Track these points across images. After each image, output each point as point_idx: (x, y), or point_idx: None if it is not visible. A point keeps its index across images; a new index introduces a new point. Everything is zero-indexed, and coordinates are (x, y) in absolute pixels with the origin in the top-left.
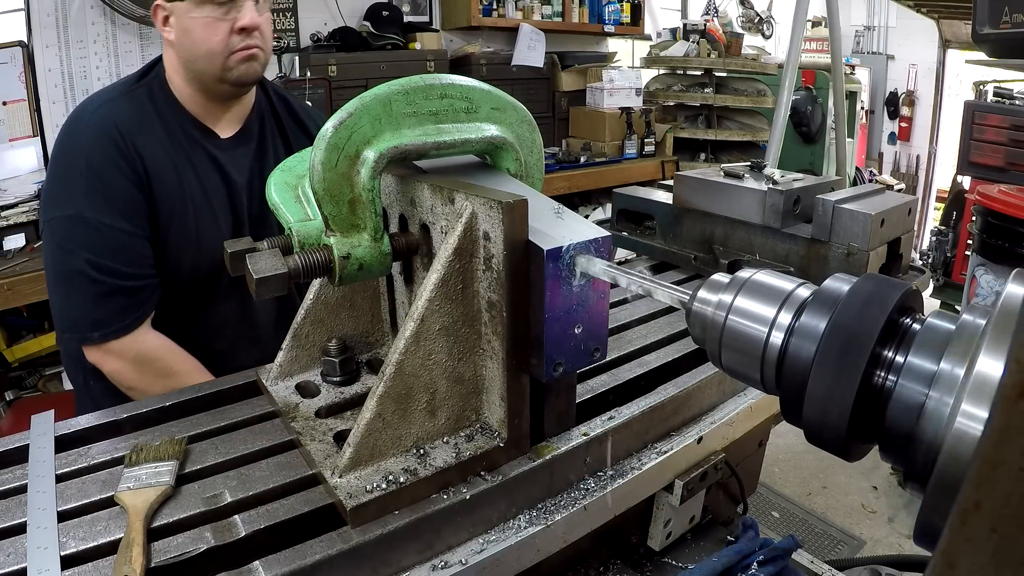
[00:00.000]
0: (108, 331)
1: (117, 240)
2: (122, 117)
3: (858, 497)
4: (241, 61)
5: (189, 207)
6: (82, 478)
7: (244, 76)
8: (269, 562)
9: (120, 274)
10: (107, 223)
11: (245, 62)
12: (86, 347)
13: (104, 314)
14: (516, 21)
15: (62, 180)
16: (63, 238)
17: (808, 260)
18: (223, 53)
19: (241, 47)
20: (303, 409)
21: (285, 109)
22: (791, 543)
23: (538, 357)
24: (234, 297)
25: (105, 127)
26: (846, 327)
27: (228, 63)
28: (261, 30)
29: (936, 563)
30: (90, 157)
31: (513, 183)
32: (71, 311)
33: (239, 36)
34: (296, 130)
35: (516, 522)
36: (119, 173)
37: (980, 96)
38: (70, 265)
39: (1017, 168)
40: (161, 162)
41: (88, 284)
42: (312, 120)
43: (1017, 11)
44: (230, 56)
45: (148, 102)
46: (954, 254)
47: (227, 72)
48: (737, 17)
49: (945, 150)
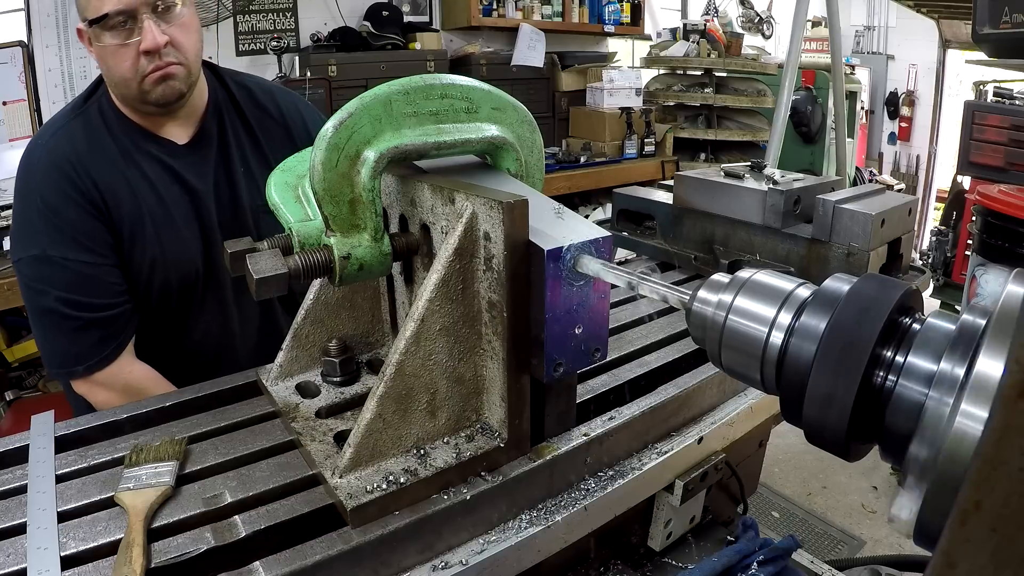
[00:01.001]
0: (91, 363)
1: (83, 273)
2: (72, 146)
3: (858, 497)
4: (155, 84)
5: (148, 224)
6: (82, 478)
7: (164, 97)
8: (269, 563)
9: (92, 307)
10: (71, 258)
11: (160, 83)
12: (74, 381)
13: (84, 348)
14: (516, 21)
15: (22, 219)
16: (31, 278)
17: (808, 260)
18: (135, 79)
19: (151, 70)
20: (303, 409)
21: (247, 98)
22: (791, 543)
23: (539, 357)
24: (212, 309)
25: (56, 160)
26: (846, 327)
27: (144, 86)
28: (175, 43)
29: (936, 563)
30: (45, 194)
31: (513, 183)
32: (52, 347)
33: (146, 59)
34: (264, 118)
35: (517, 522)
36: (75, 206)
37: (980, 96)
38: (43, 304)
39: (1017, 168)
40: (116, 184)
41: (63, 320)
42: (276, 101)
43: (1017, 11)
44: (143, 80)
45: (99, 119)
46: (954, 254)
47: (146, 95)
48: (737, 17)
49: (945, 150)
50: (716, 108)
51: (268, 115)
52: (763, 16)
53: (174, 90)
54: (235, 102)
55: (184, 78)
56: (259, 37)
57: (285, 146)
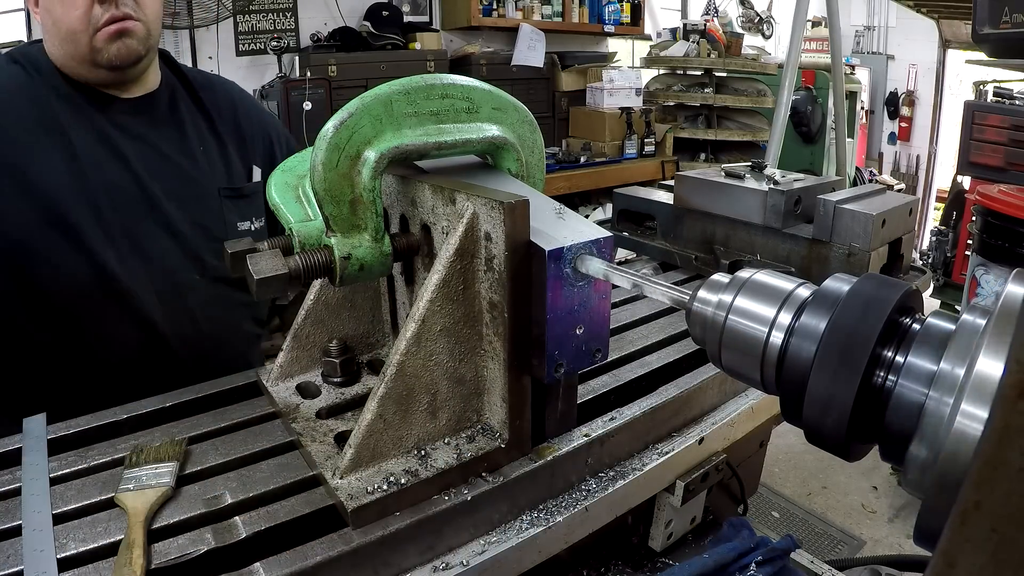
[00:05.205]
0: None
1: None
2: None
3: (858, 497)
4: (110, 40)
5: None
6: (82, 479)
7: (118, 57)
8: (270, 563)
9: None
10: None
11: (115, 40)
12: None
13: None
14: (516, 21)
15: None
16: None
17: (809, 260)
18: (86, 31)
19: (105, 21)
20: (304, 410)
21: (203, 82)
22: (789, 543)
23: (540, 358)
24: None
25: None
26: (846, 327)
27: (95, 43)
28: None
29: (936, 563)
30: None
31: (514, 183)
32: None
33: (101, 7)
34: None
35: (517, 523)
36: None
37: (980, 96)
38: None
39: (1017, 168)
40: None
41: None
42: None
43: (1017, 11)
44: (95, 35)
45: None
46: (954, 254)
47: (98, 53)
48: (737, 17)
49: (945, 150)
50: (716, 108)
51: (219, 100)
52: (763, 16)
53: (131, 50)
54: (189, 86)
55: (143, 38)
56: (259, 37)
57: (236, 135)
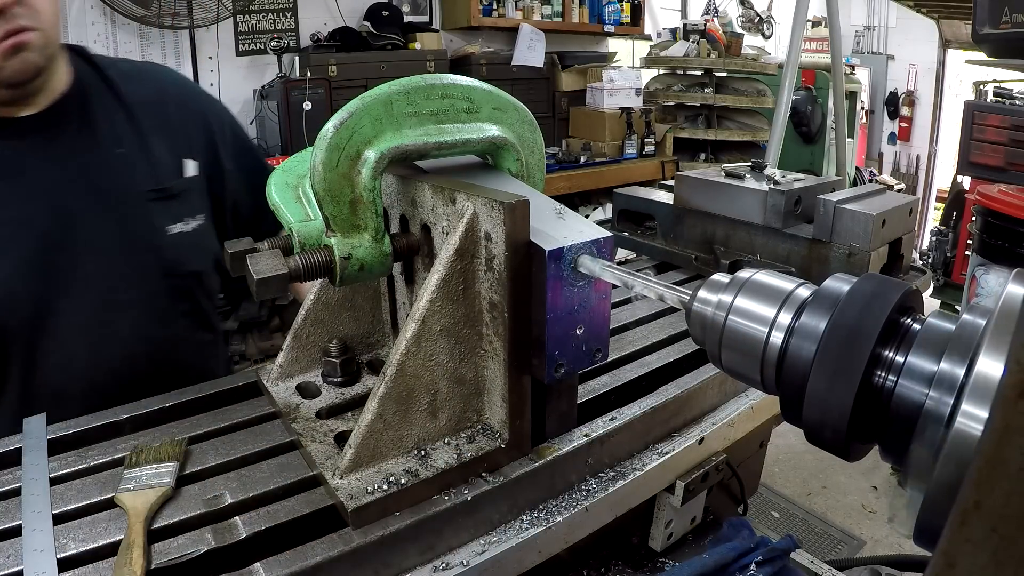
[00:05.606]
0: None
1: None
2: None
3: (858, 497)
4: (5, 56)
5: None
6: (82, 479)
7: (18, 74)
8: (270, 564)
9: None
10: None
11: (12, 56)
12: None
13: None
14: (516, 21)
15: None
16: None
17: (809, 260)
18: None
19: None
20: (304, 410)
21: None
22: (789, 543)
23: (540, 358)
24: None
25: None
26: (846, 327)
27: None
28: (28, 2)
29: (936, 563)
30: None
31: (514, 183)
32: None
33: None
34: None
35: (517, 523)
36: None
37: (980, 96)
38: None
39: (1017, 168)
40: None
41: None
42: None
43: (1017, 11)
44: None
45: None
46: (954, 254)
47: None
48: (737, 17)
49: (945, 150)
50: (716, 108)
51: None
52: (763, 16)
53: (29, 64)
54: (107, 80)
55: (40, 48)
56: (259, 37)
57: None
